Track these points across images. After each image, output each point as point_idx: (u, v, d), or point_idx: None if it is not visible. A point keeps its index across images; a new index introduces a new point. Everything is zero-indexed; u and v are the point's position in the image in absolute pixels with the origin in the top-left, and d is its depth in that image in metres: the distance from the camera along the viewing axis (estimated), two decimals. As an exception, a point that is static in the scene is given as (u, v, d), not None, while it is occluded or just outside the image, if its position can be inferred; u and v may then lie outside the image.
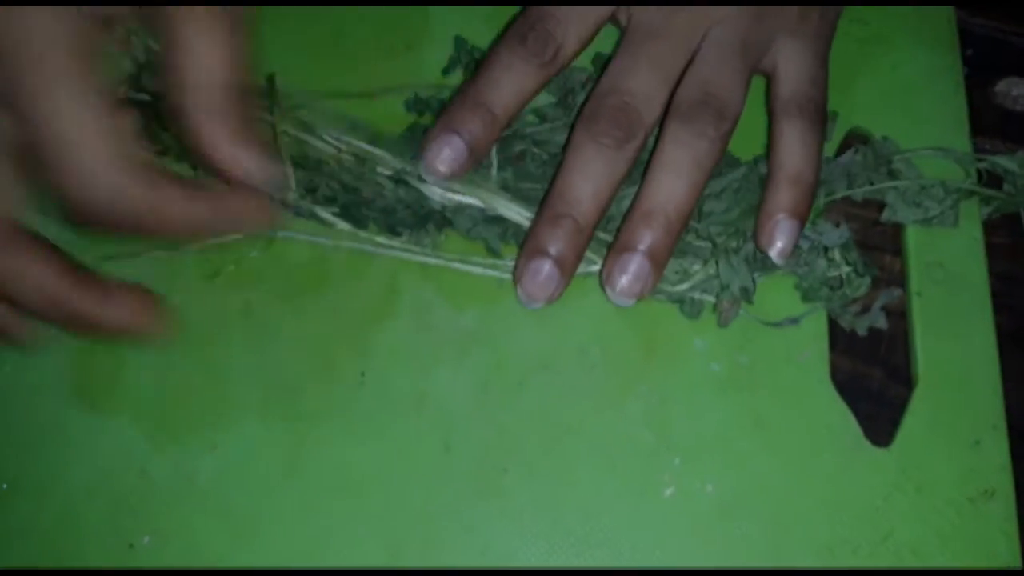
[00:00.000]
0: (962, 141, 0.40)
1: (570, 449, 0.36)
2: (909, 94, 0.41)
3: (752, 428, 0.36)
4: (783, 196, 0.35)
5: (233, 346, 0.37)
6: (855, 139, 0.40)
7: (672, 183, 0.34)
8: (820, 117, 0.36)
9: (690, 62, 0.36)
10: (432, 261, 0.38)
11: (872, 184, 0.38)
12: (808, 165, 0.35)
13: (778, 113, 0.36)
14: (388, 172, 0.38)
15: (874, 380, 0.37)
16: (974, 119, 0.40)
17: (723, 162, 0.39)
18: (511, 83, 0.35)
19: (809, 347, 0.37)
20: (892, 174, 0.38)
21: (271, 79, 0.39)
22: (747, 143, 0.39)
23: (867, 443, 0.36)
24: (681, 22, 0.36)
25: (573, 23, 0.36)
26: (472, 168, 0.36)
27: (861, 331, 0.37)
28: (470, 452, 0.36)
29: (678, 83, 0.36)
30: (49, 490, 0.35)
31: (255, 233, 0.37)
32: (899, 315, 0.38)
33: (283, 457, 0.36)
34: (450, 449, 0.36)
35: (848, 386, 0.37)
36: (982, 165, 0.39)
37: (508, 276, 0.37)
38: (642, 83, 0.35)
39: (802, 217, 0.35)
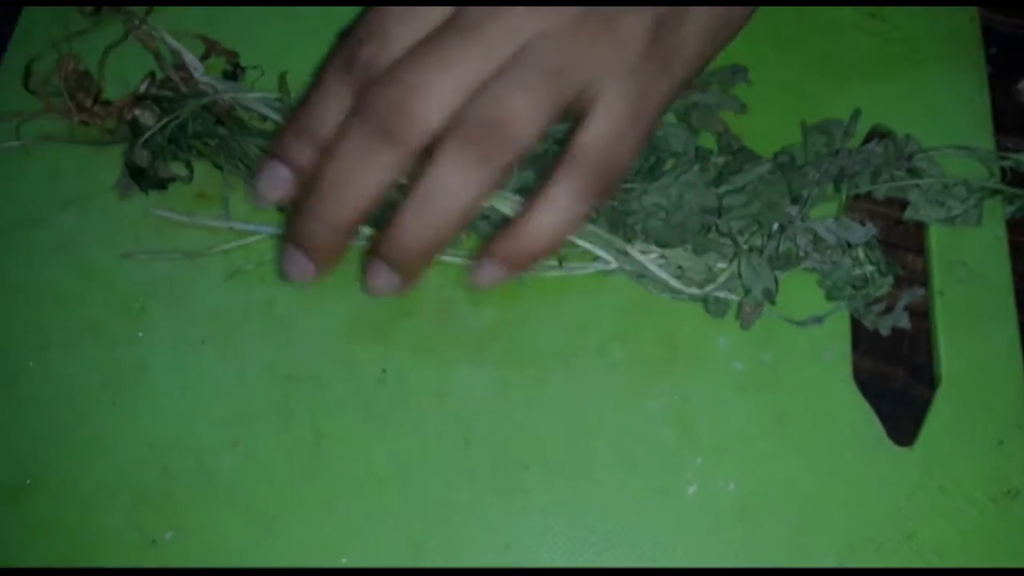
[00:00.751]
0: (985, 139, 0.40)
1: (591, 447, 0.36)
2: (932, 92, 0.41)
3: (775, 427, 0.36)
4: (510, 246, 0.32)
5: (255, 343, 0.37)
6: (877, 137, 0.40)
7: (433, 209, 0.30)
8: (602, 186, 0.31)
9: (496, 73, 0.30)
10: (453, 260, 0.38)
11: (895, 181, 0.38)
12: (552, 232, 0.31)
13: (560, 162, 0.31)
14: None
15: (897, 379, 0.37)
16: (997, 117, 0.40)
17: (743, 158, 0.38)
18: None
19: (832, 346, 0.37)
20: (915, 172, 0.38)
21: (283, 78, 0.39)
22: (768, 141, 0.39)
23: (890, 442, 0.36)
24: (495, 29, 0.30)
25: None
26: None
27: (884, 331, 0.37)
28: (490, 448, 0.36)
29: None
30: (72, 486, 0.35)
31: None
32: (922, 314, 0.38)
33: (304, 453, 0.36)
34: (470, 445, 0.36)
35: (871, 385, 0.37)
36: (1006, 163, 0.39)
37: (530, 273, 0.37)
38: (432, 84, 0.30)
39: (516, 270, 0.32)
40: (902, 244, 0.39)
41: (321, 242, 0.31)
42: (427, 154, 0.30)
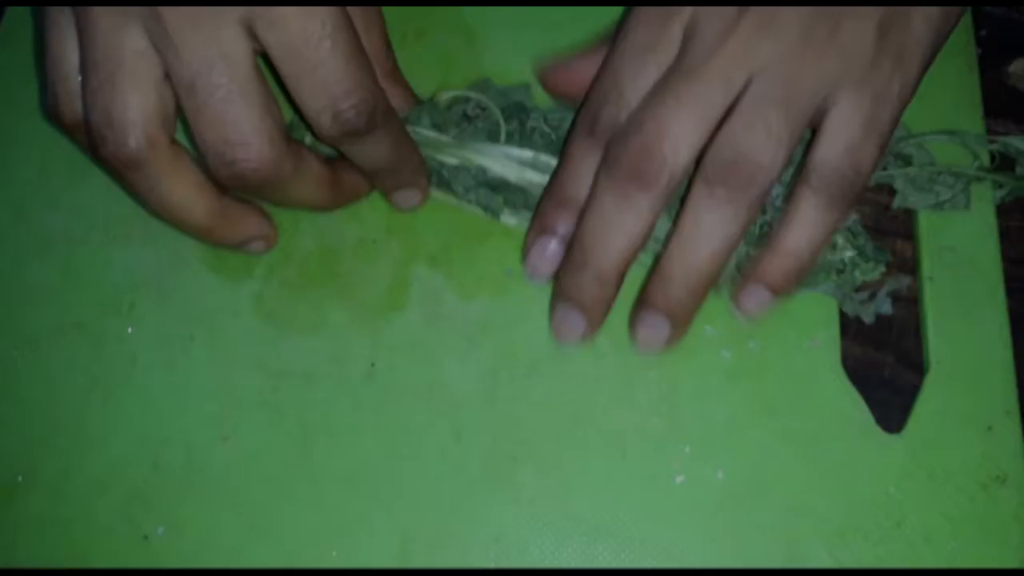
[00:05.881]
0: (975, 122, 0.40)
1: (580, 437, 0.36)
2: (921, 76, 0.41)
3: (763, 415, 0.36)
4: (769, 266, 0.34)
5: (244, 338, 0.37)
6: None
7: (694, 252, 0.33)
8: (846, 198, 0.32)
9: (732, 110, 0.32)
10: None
11: (883, 168, 0.38)
12: (808, 246, 0.33)
13: (801, 179, 0.33)
14: None
15: (885, 366, 0.37)
16: (987, 100, 0.40)
17: None
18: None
19: (820, 334, 0.37)
20: (903, 158, 0.38)
21: None
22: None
23: (878, 429, 0.36)
24: (722, 61, 0.31)
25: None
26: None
27: (868, 319, 0.37)
28: (480, 441, 0.36)
29: (717, 129, 0.32)
30: (64, 482, 0.36)
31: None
32: (911, 301, 0.38)
33: (294, 448, 0.36)
34: (460, 438, 0.36)
35: (859, 372, 0.37)
36: (994, 147, 0.38)
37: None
38: (672, 124, 0.31)
39: (780, 291, 0.34)
40: (891, 230, 0.39)
41: (592, 294, 0.34)
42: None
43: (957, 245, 0.38)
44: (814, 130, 0.33)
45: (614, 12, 0.40)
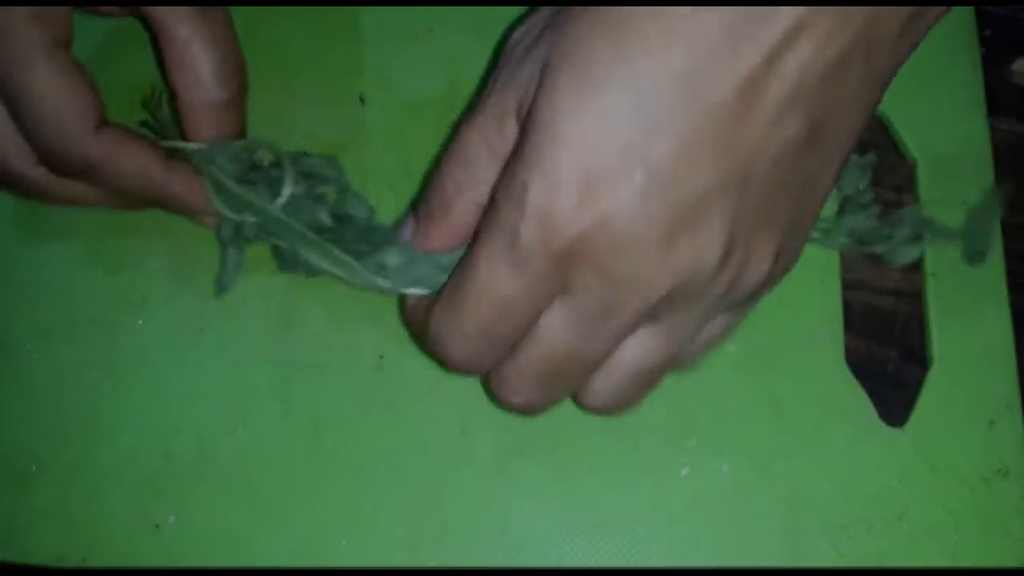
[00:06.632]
0: (979, 121, 0.40)
1: (586, 429, 0.36)
2: (925, 73, 0.41)
3: (767, 409, 0.36)
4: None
5: (254, 331, 0.38)
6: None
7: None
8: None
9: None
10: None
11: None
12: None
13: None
14: None
15: (889, 361, 0.38)
16: (990, 99, 0.40)
17: None
18: None
19: (824, 328, 0.37)
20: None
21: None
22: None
23: (881, 424, 0.36)
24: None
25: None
26: None
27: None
28: (486, 433, 0.36)
29: None
30: (77, 472, 0.36)
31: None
32: (914, 296, 0.38)
33: (303, 438, 0.36)
34: (466, 431, 0.36)
35: (863, 367, 0.37)
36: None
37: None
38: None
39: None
40: (895, 227, 0.39)
41: None
42: None
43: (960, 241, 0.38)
44: None
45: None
